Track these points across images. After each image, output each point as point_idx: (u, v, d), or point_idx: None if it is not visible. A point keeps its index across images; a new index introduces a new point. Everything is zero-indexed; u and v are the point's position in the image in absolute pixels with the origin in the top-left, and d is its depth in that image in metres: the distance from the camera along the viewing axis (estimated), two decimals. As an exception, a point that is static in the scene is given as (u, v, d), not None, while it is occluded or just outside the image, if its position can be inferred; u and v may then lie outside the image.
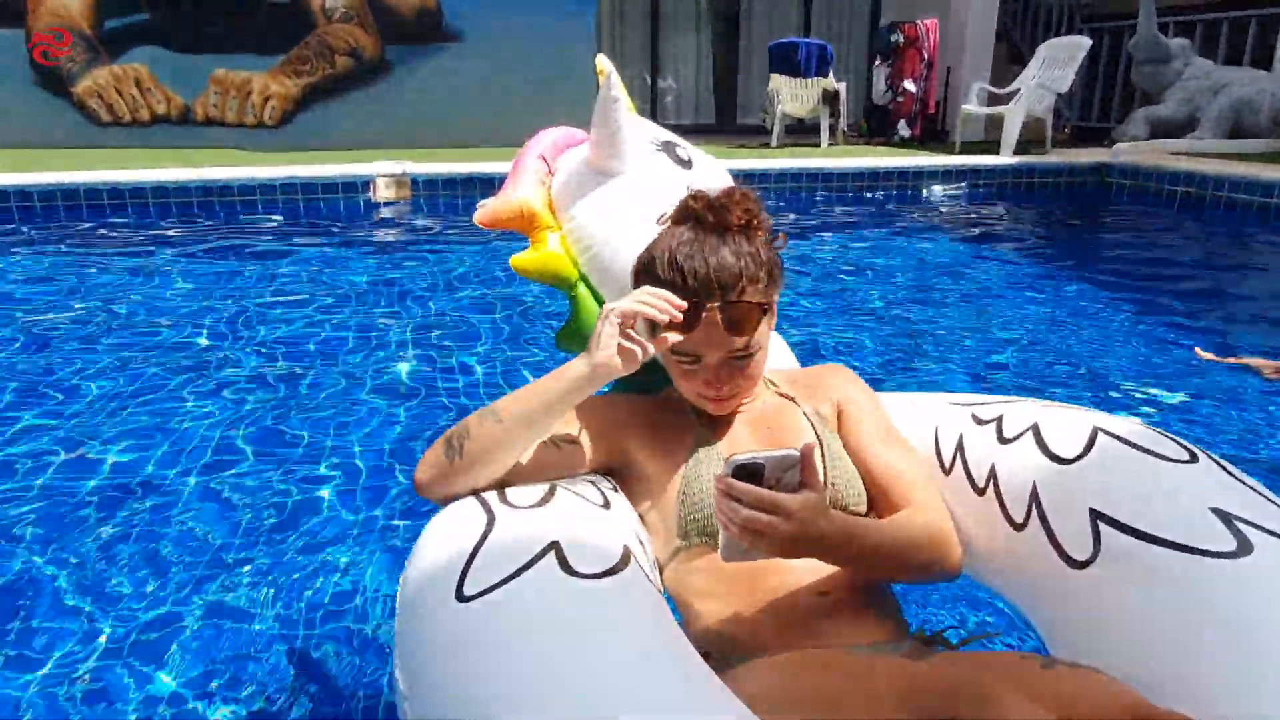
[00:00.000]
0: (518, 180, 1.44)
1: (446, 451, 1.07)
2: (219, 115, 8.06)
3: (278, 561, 1.81)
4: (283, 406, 2.58)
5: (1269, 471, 2.16)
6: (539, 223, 1.41)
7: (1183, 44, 8.00)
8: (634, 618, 0.88)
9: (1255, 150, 7.25)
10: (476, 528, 0.98)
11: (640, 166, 1.42)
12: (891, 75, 8.97)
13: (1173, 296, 4.01)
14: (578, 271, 1.41)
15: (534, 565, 0.91)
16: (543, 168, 1.47)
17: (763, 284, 1.11)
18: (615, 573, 0.93)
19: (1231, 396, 2.64)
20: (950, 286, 4.21)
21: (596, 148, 1.39)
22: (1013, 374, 2.95)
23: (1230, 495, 1.01)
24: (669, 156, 1.46)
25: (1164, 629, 0.92)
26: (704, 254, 1.08)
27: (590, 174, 1.42)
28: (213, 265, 4.42)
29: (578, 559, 0.92)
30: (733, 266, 1.08)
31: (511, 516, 1.01)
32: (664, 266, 1.10)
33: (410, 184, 6.21)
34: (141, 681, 1.47)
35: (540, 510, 1.03)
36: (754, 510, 0.91)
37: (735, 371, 1.13)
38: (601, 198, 1.39)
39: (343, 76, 8.19)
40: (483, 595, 0.88)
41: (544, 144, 1.51)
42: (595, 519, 1.05)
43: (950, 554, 1.13)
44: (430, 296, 3.88)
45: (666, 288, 1.08)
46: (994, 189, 6.99)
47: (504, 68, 8.21)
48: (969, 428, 1.25)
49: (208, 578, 1.74)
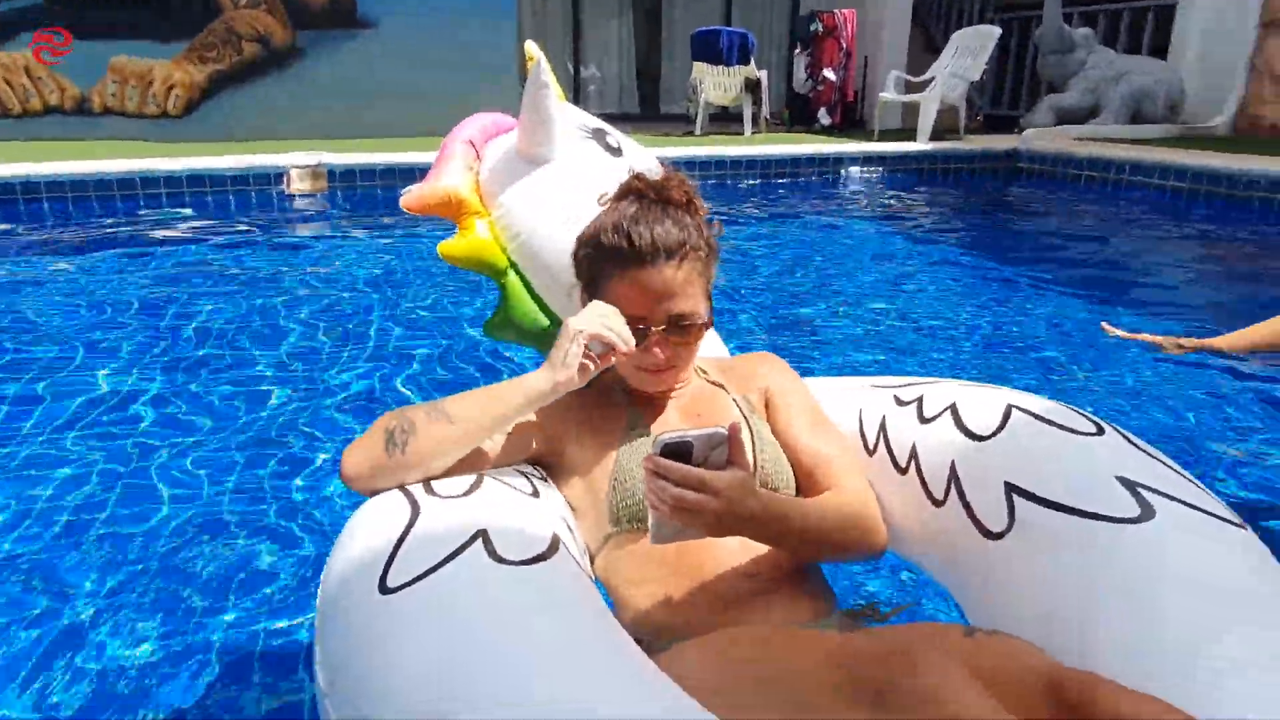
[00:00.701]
0: (445, 166, 1.42)
1: (387, 445, 1.04)
2: (118, 105, 7.66)
3: (190, 558, 1.73)
4: (196, 406, 2.47)
5: (1167, 439, 2.26)
6: (467, 209, 1.40)
7: (1086, 34, 8.33)
8: (564, 602, 0.87)
9: (1153, 135, 7.61)
10: (401, 519, 0.96)
11: (570, 154, 1.42)
12: (811, 64, 9.10)
13: (1079, 275, 4.18)
14: (507, 259, 1.40)
15: (460, 554, 0.89)
16: (470, 153, 1.46)
17: (703, 256, 1.15)
18: (544, 559, 0.92)
19: (1135, 371, 2.75)
20: (871, 269, 4.30)
21: (526, 134, 1.39)
22: (929, 351, 3.02)
23: (1134, 464, 1.05)
24: (599, 144, 1.47)
25: (1072, 594, 0.95)
26: (649, 221, 1.12)
27: (520, 161, 1.41)
28: (115, 262, 4.20)
29: (505, 546, 0.91)
30: (677, 234, 1.12)
31: (438, 507, 0.99)
32: (609, 233, 1.13)
33: (326, 175, 6.01)
34: (46, 683, 1.37)
35: (467, 500, 1.01)
36: (683, 489, 0.91)
37: (676, 342, 1.15)
38: (531, 185, 1.39)
39: (251, 64, 7.87)
40: (407, 586, 0.86)
41: (472, 129, 1.49)
42: (524, 507, 1.04)
43: (875, 533, 1.16)
44: (349, 292, 3.76)
45: (612, 254, 1.12)
46: (912, 174, 7.17)
47: (422, 55, 8.01)
48: (891, 409, 1.28)
49: (104, 582, 1.65)
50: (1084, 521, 0.99)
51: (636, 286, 1.11)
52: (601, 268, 1.15)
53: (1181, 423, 2.38)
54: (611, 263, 1.13)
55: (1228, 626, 0.86)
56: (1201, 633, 0.86)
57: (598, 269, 1.16)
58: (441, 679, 0.77)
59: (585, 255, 1.18)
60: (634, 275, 1.12)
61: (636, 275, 1.11)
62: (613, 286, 1.14)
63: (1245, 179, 5.57)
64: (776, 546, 1.09)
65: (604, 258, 1.14)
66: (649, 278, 1.11)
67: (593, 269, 1.17)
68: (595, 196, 1.24)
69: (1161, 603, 0.89)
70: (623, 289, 1.12)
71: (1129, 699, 0.73)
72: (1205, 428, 2.35)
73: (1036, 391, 1.30)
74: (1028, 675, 0.79)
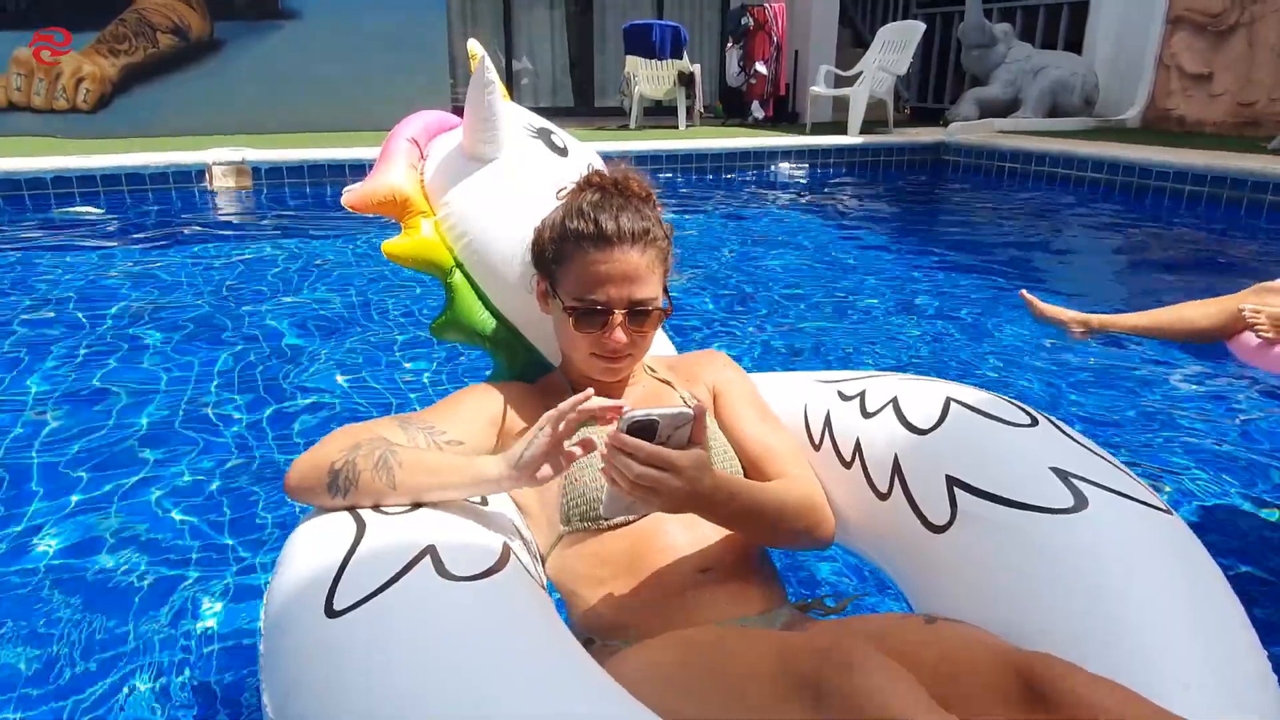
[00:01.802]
0: (388, 163, 1.40)
1: (330, 489, 1.01)
2: (23, 100, 7.27)
3: (123, 583, 1.65)
4: (119, 418, 2.37)
5: (1087, 423, 2.36)
6: (411, 207, 1.38)
7: (1005, 29, 8.59)
8: (513, 616, 0.87)
9: (1071, 128, 7.91)
10: (346, 537, 0.94)
11: (516, 152, 1.41)
12: (744, 57, 9.18)
13: (1001, 264, 4.32)
14: (453, 258, 1.38)
15: (408, 573, 0.87)
16: (414, 151, 1.44)
17: (663, 247, 1.19)
18: (494, 572, 0.91)
19: (1058, 359, 2.86)
20: (806, 261, 4.37)
21: (471, 132, 1.37)
22: (863, 340, 3.09)
23: (1067, 454, 1.09)
24: (544, 143, 1.46)
25: (1013, 584, 0.99)
26: (614, 209, 1.15)
27: (465, 160, 1.39)
28: (25, 267, 3.99)
29: (454, 562, 0.90)
30: (640, 222, 1.16)
31: (384, 523, 0.97)
32: (574, 218, 1.15)
33: (251, 172, 5.82)
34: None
35: (414, 515, 1.00)
36: (647, 467, 0.93)
37: (635, 329, 1.16)
38: (477, 183, 1.38)
39: (167, 56, 7.55)
40: (355, 608, 0.84)
41: (415, 127, 1.47)
42: (472, 518, 1.03)
43: (823, 522, 1.18)
44: (278, 292, 3.65)
45: (577, 237, 1.14)
46: (843, 167, 7.30)
47: (347, 47, 7.80)
48: (835, 404, 1.31)
49: (37, 604, 1.57)
50: (1022, 513, 1.02)
51: (602, 270, 1.13)
52: (565, 251, 1.17)
53: (1110, 407, 2.49)
54: (577, 246, 1.15)
55: (1160, 611, 0.91)
56: (1136, 618, 0.90)
57: (561, 253, 1.18)
58: (393, 703, 0.76)
59: (549, 240, 1.20)
60: (599, 258, 1.13)
61: (602, 259, 1.13)
62: (576, 270, 1.15)
63: (1155, 170, 5.84)
64: (728, 527, 1.11)
65: (569, 241, 1.16)
66: (614, 262, 1.13)
67: (556, 253, 1.19)
68: (542, 195, 1.25)
69: (1098, 592, 0.93)
70: (588, 272, 1.14)
71: (1083, 678, 0.77)
72: (1133, 412, 2.46)
73: (963, 378, 1.33)
74: (990, 658, 0.82)
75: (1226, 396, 2.59)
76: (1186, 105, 7.90)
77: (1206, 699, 0.82)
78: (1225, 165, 5.52)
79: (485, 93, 1.31)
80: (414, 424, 1.13)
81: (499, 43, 10.15)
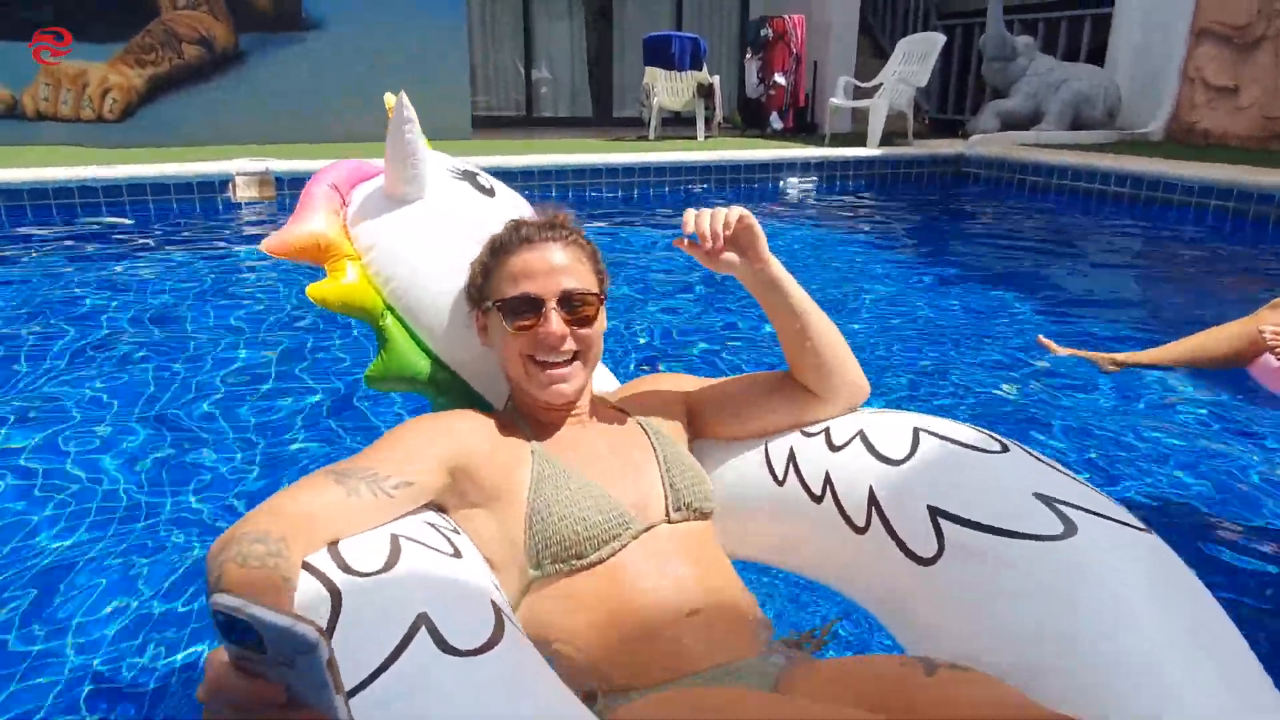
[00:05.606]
0: (309, 210, 1.38)
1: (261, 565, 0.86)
2: (51, 110, 7.40)
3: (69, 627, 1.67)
4: (139, 424, 2.39)
5: (1090, 458, 2.33)
6: (335, 252, 1.36)
7: (1027, 41, 8.54)
8: (526, 692, 0.84)
9: (1093, 141, 7.83)
10: (321, 609, 0.86)
11: (441, 194, 1.40)
12: (763, 69, 9.18)
13: (1022, 279, 4.28)
14: (383, 302, 1.35)
15: (407, 647, 0.82)
16: (335, 197, 1.43)
17: (589, 251, 1.24)
18: (496, 643, 0.87)
19: (1069, 385, 2.83)
20: (823, 274, 4.35)
21: (392, 174, 1.36)
22: (875, 351, 3.06)
23: (1045, 480, 1.07)
24: (470, 185, 1.45)
25: (1011, 614, 0.97)
26: (536, 222, 1.24)
27: (388, 203, 1.38)
28: (53, 275, 4.05)
29: (452, 632, 0.85)
30: (561, 227, 1.23)
31: (361, 588, 0.90)
32: (498, 234, 1.23)
33: (274, 183, 5.88)
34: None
35: (391, 576, 0.93)
36: None
37: (570, 320, 1.17)
38: (402, 224, 1.36)
39: (192, 67, 7.66)
40: (356, 693, 0.77)
41: (336, 175, 1.46)
42: (453, 574, 0.98)
43: (862, 374, 1.30)
44: (300, 305, 3.68)
45: (501, 246, 1.21)
46: (862, 179, 7.27)
47: (369, 58, 7.88)
48: (797, 440, 1.28)
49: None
50: (1014, 542, 1.00)
51: (528, 264, 1.17)
52: (490, 266, 1.21)
53: (1097, 435, 2.46)
54: (501, 254, 1.20)
55: (1165, 636, 0.89)
56: (1142, 645, 0.88)
57: (488, 270, 1.22)
58: None
59: (479, 270, 1.24)
60: (523, 255, 1.18)
61: (525, 254, 1.18)
62: (504, 274, 1.19)
63: (1180, 184, 5.77)
64: (798, 311, 1.25)
65: (494, 255, 1.21)
66: (537, 255, 1.18)
67: (484, 273, 1.23)
68: (470, 234, 1.29)
69: (1098, 620, 0.91)
70: (515, 269, 1.18)
71: None
72: (1109, 433, 2.43)
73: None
74: (997, 713, 0.78)
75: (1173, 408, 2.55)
76: (1211, 118, 7.81)
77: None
78: (1250, 180, 5.44)
79: (404, 131, 1.30)
80: (354, 474, 1.03)
81: (518, 53, 10.22)
